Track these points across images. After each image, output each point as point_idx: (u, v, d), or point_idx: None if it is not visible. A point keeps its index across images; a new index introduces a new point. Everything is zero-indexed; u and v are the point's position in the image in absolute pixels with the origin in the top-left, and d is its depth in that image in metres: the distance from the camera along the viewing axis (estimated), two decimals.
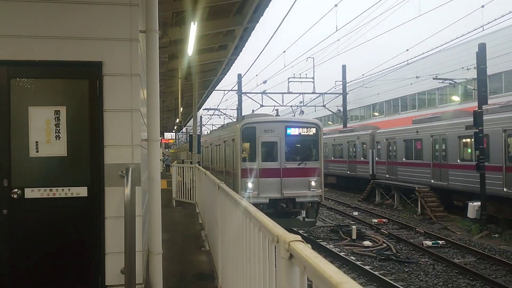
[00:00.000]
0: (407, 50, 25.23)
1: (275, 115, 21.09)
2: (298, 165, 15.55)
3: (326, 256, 13.18)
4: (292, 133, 15.77)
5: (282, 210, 15.42)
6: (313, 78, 30.64)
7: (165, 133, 35.71)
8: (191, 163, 17.48)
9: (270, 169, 15.49)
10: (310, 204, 15.59)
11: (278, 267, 1.86)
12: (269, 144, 15.79)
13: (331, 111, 37.31)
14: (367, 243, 14.71)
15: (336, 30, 15.47)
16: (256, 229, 2.50)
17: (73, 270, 4.54)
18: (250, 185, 15.16)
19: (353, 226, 16.20)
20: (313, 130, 15.99)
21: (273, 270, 2.15)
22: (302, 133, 15.98)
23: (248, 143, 15.81)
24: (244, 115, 19.77)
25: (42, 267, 4.49)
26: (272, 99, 31.92)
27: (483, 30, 19.97)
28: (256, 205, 12.66)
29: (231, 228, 3.81)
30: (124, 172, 4.35)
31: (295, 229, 15.79)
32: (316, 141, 16.04)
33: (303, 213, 15.69)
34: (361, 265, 12.20)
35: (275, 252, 2.04)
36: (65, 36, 4.53)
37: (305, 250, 1.56)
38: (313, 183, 15.45)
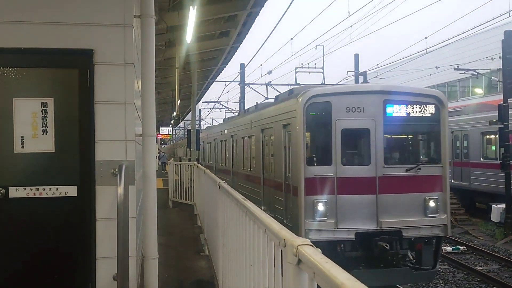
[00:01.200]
0: (426, 38, 25.05)
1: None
2: (407, 171, 9.74)
3: None
4: (396, 113, 9.90)
5: (381, 254, 9.28)
6: (322, 68, 30.55)
7: (161, 128, 35.73)
8: (189, 160, 17.49)
9: (356, 179, 9.54)
10: (425, 241, 9.79)
11: (285, 273, 1.86)
12: (354, 133, 9.94)
13: None
14: None
15: (349, 16, 15.41)
16: (261, 232, 2.50)
17: (61, 276, 4.55)
18: (321, 207, 9.29)
19: None
20: (431, 109, 10.08)
21: (279, 276, 2.15)
22: (413, 114, 9.98)
23: (314, 132, 10.35)
24: (301, 86, 12.70)
25: (28, 272, 4.50)
26: (278, 91, 31.87)
27: (510, 16, 19.86)
28: (331, 244, 9.42)
29: (233, 231, 3.82)
30: (116, 169, 4.35)
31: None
32: (437, 127, 10.16)
33: (411, 255, 9.75)
34: None
35: (281, 257, 2.04)
36: (53, 22, 4.53)
37: (314, 255, 1.56)
38: (431, 204, 9.73)
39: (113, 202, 4.37)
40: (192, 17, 10.45)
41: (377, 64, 32.07)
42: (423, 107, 10.02)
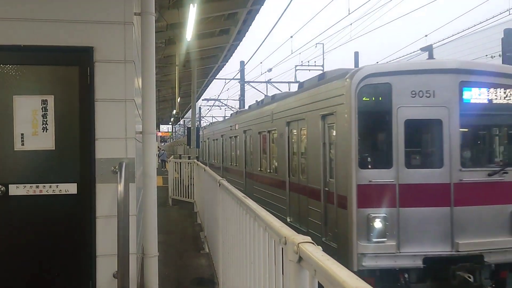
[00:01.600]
0: (426, 35, 25.07)
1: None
2: (489, 175, 7.46)
3: None
4: (476, 100, 7.53)
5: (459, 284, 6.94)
6: (322, 66, 30.55)
7: (161, 126, 35.72)
8: (189, 158, 17.48)
9: (424, 187, 7.39)
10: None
11: (286, 270, 1.86)
12: (422, 125, 7.83)
13: None
14: None
15: (348, 14, 15.38)
16: (262, 229, 2.50)
17: (61, 273, 4.55)
18: (378, 224, 7.15)
19: None
20: None
21: (280, 274, 2.15)
22: (498, 100, 7.68)
23: (369, 124, 7.69)
24: (335, 70, 9.62)
25: (28, 270, 4.50)
26: (278, 89, 31.90)
27: (510, 14, 19.84)
28: (392, 273, 7.15)
29: (234, 228, 3.81)
30: (117, 167, 4.35)
31: None
32: None
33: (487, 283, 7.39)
34: None
35: (282, 254, 2.04)
36: (53, 19, 4.52)
37: (315, 252, 1.55)
38: None
39: (113, 200, 4.37)
40: (192, 14, 10.44)
41: (377, 62, 32.03)
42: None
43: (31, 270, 4.51)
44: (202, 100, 42.12)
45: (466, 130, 7.76)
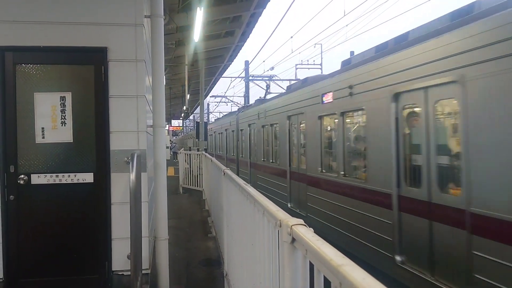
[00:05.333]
0: None
1: None
2: None
3: None
4: None
5: None
6: (321, 64, 30.44)
7: (172, 120, 35.76)
8: (198, 150, 17.50)
9: None
10: None
11: (281, 251, 1.86)
12: None
13: None
14: None
15: (344, 15, 15.27)
16: (260, 214, 2.50)
17: (80, 255, 4.59)
18: None
19: None
20: None
21: (277, 254, 2.15)
22: None
23: None
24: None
25: (49, 252, 4.54)
26: (280, 86, 31.83)
27: None
28: None
29: (236, 213, 3.82)
30: (129, 158, 4.36)
31: None
32: None
33: None
34: None
35: (278, 236, 2.04)
36: (70, 22, 4.53)
37: (306, 233, 1.55)
38: None
39: (127, 188, 4.38)
40: (199, 17, 10.40)
41: None
42: None
43: (52, 252, 4.54)
44: (210, 97, 42.04)
45: None
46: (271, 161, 12.28)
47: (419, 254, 5.27)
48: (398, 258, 5.65)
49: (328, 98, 8.00)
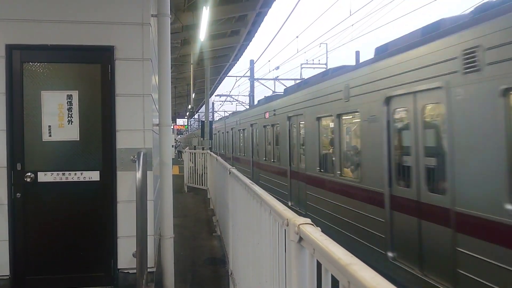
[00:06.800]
0: None
1: None
2: None
3: None
4: None
5: None
6: (326, 64, 30.40)
7: (177, 119, 35.82)
8: (202, 149, 17.52)
9: None
10: None
11: (288, 250, 1.86)
12: None
13: None
14: None
15: (350, 15, 15.25)
16: (267, 213, 2.50)
17: (86, 253, 4.61)
18: None
19: None
20: None
21: (283, 253, 2.16)
22: None
23: None
24: None
25: (56, 250, 4.56)
26: (285, 86, 31.82)
27: None
28: None
29: (241, 212, 3.82)
30: (135, 156, 4.37)
31: None
32: None
33: None
34: None
35: (285, 235, 2.04)
36: (77, 20, 4.55)
37: (314, 232, 1.55)
38: None
39: (132, 186, 4.40)
40: (205, 17, 10.42)
41: None
42: None
43: (59, 250, 4.56)
44: (215, 96, 42.08)
45: None
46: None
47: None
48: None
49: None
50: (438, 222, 4.91)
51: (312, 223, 1.71)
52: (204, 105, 21.90)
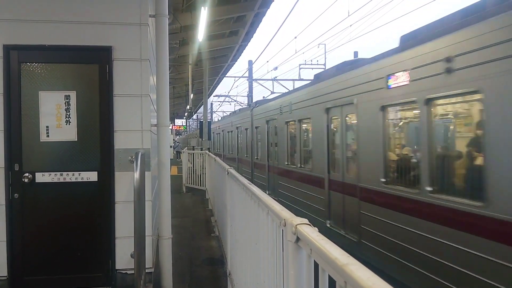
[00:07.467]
0: None
1: None
2: None
3: None
4: None
5: None
6: (324, 65, 30.40)
7: (175, 120, 35.78)
8: (201, 149, 17.51)
9: None
10: None
11: (286, 250, 1.86)
12: None
13: None
14: None
15: (348, 16, 15.24)
16: (264, 213, 2.50)
17: (83, 253, 4.60)
18: None
19: None
20: None
21: (281, 253, 2.15)
22: None
23: None
24: None
25: (54, 250, 4.55)
26: (284, 86, 31.84)
27: None
28: None
29: (240, 213, 3.82)
30: (133, 157, 4.37)
31: None
32: None
33: None
34: None
35: (282, 235, 2.04)
36: (75, 21, 4.54)
37: (311, 232, 1.55)
38: None
39: (131, 187, 4.40)
40: (203, 17, 10.41)
41: None
42: None
43: (56, 250, 4.55)
44: (214, 96, 42.02)
45: None
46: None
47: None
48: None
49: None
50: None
51: (309, 223, 1.70)
52: (202, 106, 21.87)
